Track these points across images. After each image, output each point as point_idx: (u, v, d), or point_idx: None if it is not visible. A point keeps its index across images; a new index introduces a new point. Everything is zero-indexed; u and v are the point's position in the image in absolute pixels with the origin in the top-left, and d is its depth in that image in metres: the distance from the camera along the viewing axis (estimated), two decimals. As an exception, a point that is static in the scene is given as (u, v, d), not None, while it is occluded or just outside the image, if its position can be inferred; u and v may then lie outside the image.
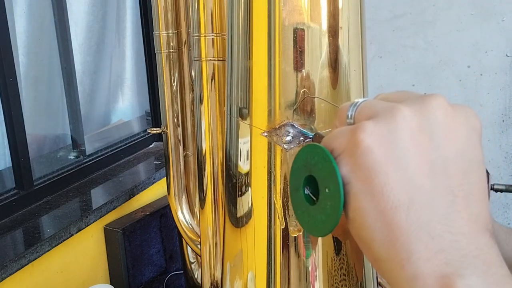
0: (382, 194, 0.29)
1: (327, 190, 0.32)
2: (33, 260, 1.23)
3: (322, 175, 0.32)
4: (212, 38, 0.95)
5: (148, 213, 1.59)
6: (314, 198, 0.33)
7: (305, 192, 0.34)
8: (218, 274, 1.08)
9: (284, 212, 0.66)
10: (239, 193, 0.70)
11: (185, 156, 1.29)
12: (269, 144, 0.65)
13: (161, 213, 1.62)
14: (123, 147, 1.86)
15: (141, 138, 1.96)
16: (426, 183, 0.30)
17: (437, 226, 0.29)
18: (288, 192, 0.64)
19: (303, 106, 0.63)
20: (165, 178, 1.30)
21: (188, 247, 1.33)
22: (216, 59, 0.96)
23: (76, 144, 1.71)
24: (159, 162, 1.81)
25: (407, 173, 0.30)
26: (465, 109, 0.32)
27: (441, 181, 0.30)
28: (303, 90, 0.63)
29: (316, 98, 0.64)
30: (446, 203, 0.29)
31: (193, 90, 1.23)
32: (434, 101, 0.31)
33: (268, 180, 0.66)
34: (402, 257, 0.29)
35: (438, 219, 0.29)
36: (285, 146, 0.63)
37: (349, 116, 0.34)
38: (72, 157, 1.70)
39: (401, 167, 0.30)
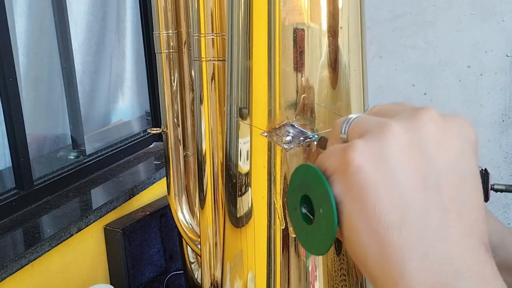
0: (374, 213, 0.30)
1: (321, 210, 0.32)
2: (33, 260, 1.23)
3: (316, 195, 0.32)
4: (212, 38, 0.95)
5: (148, 213, 1.59)
6: (312, 217, 0.33)
7: (302, 211, 0.34)
8: (218, 274, 1.08)
9: (284, 212, 0.66)
10: (239, 193, 0.70)
11: (185, 156, 1.29)
12: (269, 144, 0.65)
13: (161, 213, 1.62)
14: (123, 147, 1.86)
15: (141, 138, 1.96)
16: (418, 199, 0.30)
17: (429, 243, 0.29)
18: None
19: (303, 107, 0.63)
20: (165, 178, 1.30)
21: (188, 247, 1.33)
22: (216, 59, 0.96)
23: (76, 144, 1.71)
24: (159, 162, 1.81)
25: (399, 191, 0.30)
26: (458, 120, 0.32)
27: (433, 196, 0.30)
28: (303, 96, 0.63)
29: (316, 96, 0.64)
30: (438, 218, 0.29)
31: (193, 90, 1.23)
32: (424, 115, 0.31)
33: (268, 180, 0.66)
34: (395, 275, 0.29)
35: (431, 236, 0.29)
36: (285, 146, 0.63)
37: (343, 132, 0.34)
38: (72, 157, 1.70)
39: (393, 185, 0.30)
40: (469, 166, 0.31)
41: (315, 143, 0.62)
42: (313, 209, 0.33)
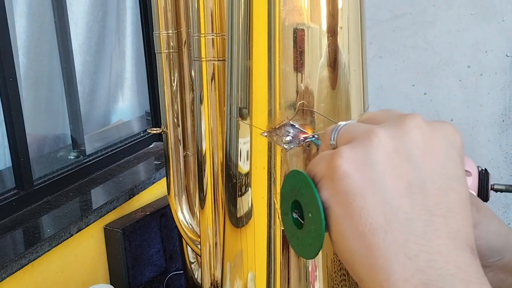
0: (360, 218, 0.30)
1: (310, 215, 0.33)
2: (33, 260, 1.23)
3: (305, 201, 0.33)
4: (212, 38, 0.95)
5: (148, 213, 1.59)
6: (302, 222, 0.34)
7: (294, 216, 0.35)
8: (218, 274, 1.08)
9: (284, 212, 0.66)
10: (239, 193, 0.70)
11: (185, 156, 1.29)
12: (269, 144, 0.65)
13: (161, 213, 1.62)
14: (123, 147, 1.86)
15: (141, 138, 1.96)
16: (403, 204, 0.30)
17: (414, 247, 0.29)
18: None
19: (303, 108, 0.63)
20: (165, 178, 1.30)
21: (188, 247, 1.33)
22: (216, 59, 0.96)
23: (76, 144, 1.71)
24: (159, 162, 1.81)
25: (384, 196, 0.30)
26: (444, 126, 0.33)
27: (418, 201, 0.30)
28: (300, 102, 0.63)
29: (316, 96, 0.64)
30: (423, 222, 0.30)
31: (193, 90, 1.23)
32: (410, 121, 0.32)
33: (268, 180, 0.66)
34: (381, 279, 0.30)
35: (415, 240, 0.30)
36: (285, 146, 0.63)
37: (332, 139, 0.35)
38: (72, 157, 1.70)
39: (378, 190, 0.30)
40: (455, 171, 0.32)
41: (317, 147, 0.62)
42: (303, 214, 0.34)
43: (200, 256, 1.10)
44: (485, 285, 0.29)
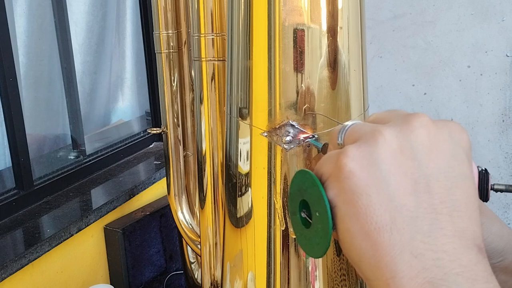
0: (366, 216, 0.30)
1: (317, 214, 0.33)
2: (33, 260, 1.23)
3: (312, 200, 0.34)
4: (212, 38, 0.95)
5: (148, 213, 1.59)
6: (311, 221, 0.34)
7: (302, 216, 0.35)
8: (218, 274, 1.08)
9: (284, 212, 0.66)
10: (239, 193, 0.70)
11: (185, 156, 1.29)
12: (269, 144, 0.65)
13: (161, 213, 1.62)
14: (123, 147, 1.86)
15: (141, 138, 1.96)
16: (408, 202, 0.30)
17: (420, 245, 0.30)
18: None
19: (303, 108, 0.63)
20: (165, 178, 1.30)
21: (188, 247, 1.33)
22: (216, 59, 0.96)
23: (76, 144, 1.71)
24: (159, 162, 1.81)
25: (389, 194, 0.30)
26: (449, 125, 0.33)
27: (423, 199, 0.30)
28: (303, 96, 0.63)
29: (316, 96, 0.64)
30: (429, 221, 0.30)
31: (193, 90, 1.23)
32: (416, 121, 0.32)
33: (268, 180, 0.66)
34: (387, 277, 0.30)
35: (421, 238, 0.30)
36: (285, 146, 0.63)
37: (339, 139, 0.35)
38: (72, 157, 1.70)
39: (383, 189, 0.30)
40: (461, 170, 0.32)
41: (319, 150, 0.62)
42: (311, 213, 0.34)
43: (200, 256, 1.10)
44: (491, 284, 0.29)
